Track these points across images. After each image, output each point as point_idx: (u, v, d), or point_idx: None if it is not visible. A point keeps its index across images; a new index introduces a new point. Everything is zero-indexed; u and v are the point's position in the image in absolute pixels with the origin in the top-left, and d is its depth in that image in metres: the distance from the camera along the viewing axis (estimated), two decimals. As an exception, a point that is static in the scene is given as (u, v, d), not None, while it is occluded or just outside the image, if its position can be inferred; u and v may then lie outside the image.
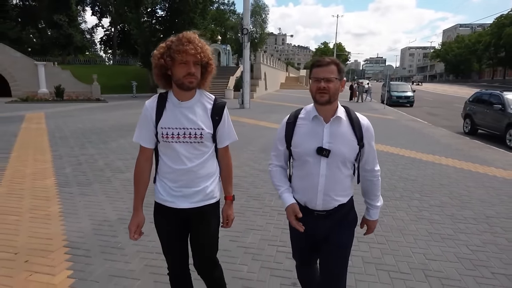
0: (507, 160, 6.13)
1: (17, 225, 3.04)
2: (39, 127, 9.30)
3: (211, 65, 1.39)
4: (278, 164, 1.52)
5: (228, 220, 1.58)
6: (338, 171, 1.38)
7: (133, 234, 1.47)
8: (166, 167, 1.44)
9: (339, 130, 1.36)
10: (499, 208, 3.67)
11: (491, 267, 2.47)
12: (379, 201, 1.54)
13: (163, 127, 1.39)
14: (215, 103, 1.45)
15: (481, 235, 3.00)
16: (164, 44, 1.34)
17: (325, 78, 1.29)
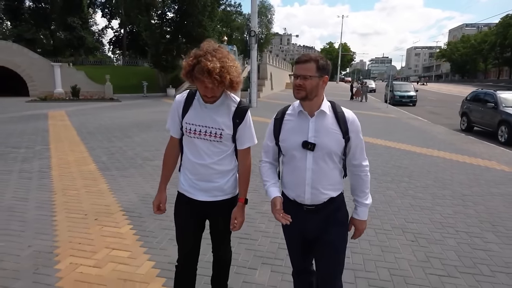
0: (494, 153, 6.74)
1: (78, 197, 3.80)
2: (64, 124, 10.12)
3: (236, 83, 1.41)
4: (267, 160, 1.54)
5: (236, 222, 1.56)
6: (324, 164, 1.39)
7: (156, 209, 1.64)
8: (187, 160, 1.55)
9: (324, 124, 1.39)
10: (475, 189, 4.32)
11: (456, 227, 3.15)
12: (368, 199, 1.49)
13: (187, 122, 1.49)
14: (238, 106, 1.51)
15: (454, 207, 3.67)
16: (191, 60, 1.37)
17: (301, 75, 1.33)
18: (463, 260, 2.57)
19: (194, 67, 1.34)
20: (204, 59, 1.32)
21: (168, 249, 2.62)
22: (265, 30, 50.22)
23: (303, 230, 1.47)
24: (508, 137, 8.22)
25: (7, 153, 5.98)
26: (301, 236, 1.50)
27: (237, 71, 1.41)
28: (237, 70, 1.41)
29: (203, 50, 1.36)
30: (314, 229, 1.46)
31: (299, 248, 1.54)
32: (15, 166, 5.13)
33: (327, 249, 1.44)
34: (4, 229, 2.95)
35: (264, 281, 2.26)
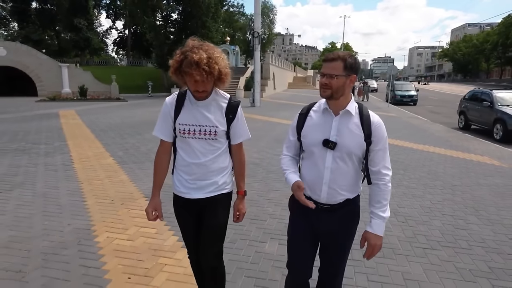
0: (488, 149, 7.09)
1: (103, 186, 4.21)
2: (76, 122, 10.57)
3: (224, 76, 1.42)
4: (288, 153, 1.55)
5: (239, 214, 1.64)
6: (343, 165, 1.38)
7: (150, 216, 1.59)
8: (182, 160, 1.54)
9: (347, 124, 1.37)
10: (464, 181, 4.69)
11: (443, 212, 3.52)
12: (386, 212, 1.39)
13: (180, 123, 1.49)
14: (229, 102, 1.53)
15: (443, 195, 4.04)
16: (178, 57, 1.38)
17: (327, 74, 1.32)
18: (445, 237, 2.95)
19: (182, 63, 1.35)
20: (190, 53, 1.34)
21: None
22: (267, 31, 50.59)
23: (315, 227, 1.46)
24: (503, 134, 8.54)
25: (29, 149, 6.41)
26: (310, 233, 1.48)
27: (225, 62, 1.42)
28: (224, 61, 1.42)
29: (188, 46, 1.38)
30: (324, 227, 1.44)
31: (304, 245, 1.49)
32: (39, 160, 5.56)
33: (333, 250, 1.46)
34: (43, 212, 3.36)
35: (273, 251, 2.65)
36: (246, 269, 2.39)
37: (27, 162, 5.40)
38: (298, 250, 1.51)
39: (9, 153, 6.05)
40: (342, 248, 1.47)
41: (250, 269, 2.39)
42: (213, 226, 1.57)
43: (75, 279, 2.23)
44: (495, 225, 3.22)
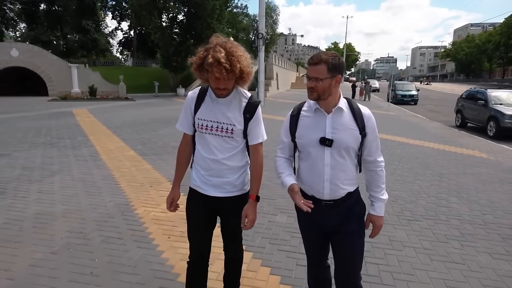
0: (479, 144, 7.59)
1: (131, 173, 4.78)
2: (91, 120, 11.18)
3: (246, 75, 1.42)
4: (283, 156, 1.56)
5: (247, 221, 1.54)
6: (342, 160, 1.41)
7: (169, 206, 1.63)
8: (199, 155, 1.56)
9: (341, 120, 1.40)
10: (452, 170, 5.21)
11: (429, 194, 4.05)
12: (384, 194, 1.51)
13: (199, 118, 1.51)
14: (249, 101, 1.52)
15: (431, 182, 4.57)
16: (202, 54, 1.39)
17: (313, 77, 1.34)
18: (428, 212, 3.48)
19: (204, 60, 1.36)
20: (213, 51, 1.35)
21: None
22: (270, 31, 51.07)
23: (322, 224, 1.49)
24: (496, 131, 9.02)
25: (56, 143, 7.01)
26: (319, 231, 1.52)
27: (247, 61, 1.42)
28: (247, 60, 1.42)
29: (212, 43, 1.39)
30: (333, 223, 1.48)
31: (317, 243, 1.56)
32: (68, 152, 6.15)
33: (345, 238, 1.47)
34: (86, 192, 3.94)
35: (283, 221, 3.20)
36: (262, 233, 2.95)
37: (58, 154, 5.99)
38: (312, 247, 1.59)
39: (39, 146, 6.65)
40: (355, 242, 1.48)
41: (264, 233, 2.95)
42: (236, 229, 1.60)
43: (126, 238, 2.80)
44: (472, 204, 3.75)
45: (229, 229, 1.65)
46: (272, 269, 2.39)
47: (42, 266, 2.36)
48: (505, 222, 3.25)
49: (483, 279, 2.31)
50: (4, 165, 5.15)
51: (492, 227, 3.14)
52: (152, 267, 2.38)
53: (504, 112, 8.92)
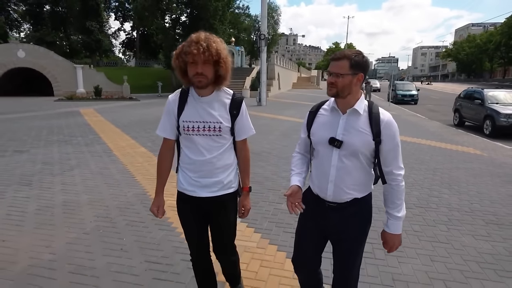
0: (474, 142, 7.89)
1: (144, 167, 5.11)
2: (100, 119, 11.53)
3: (223, 62, 1.41)
4: (299, 151, 1.58)
5: (244, 210, 1.64)
6: (349, 163, 1.37)
7: (156, 215, 1.62)
8: (186, 158, 1.54)
9: (355, 123, 1.36)
10: (446, 165, 5.52)
11: (422, 186, 4.36)
12: (400, 211, 1.41)
13: (184, 120, 1.48)
14: (233, 98, 1.53)
15: (425, 175, 4.88)
16: (181, 45, 1.42)
17: (334, 73, 1.33)
18: (420, 201, 3.80)
19: (183, 48, 1.39)
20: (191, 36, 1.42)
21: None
22: (271, 31, 51.38)
23: (322, 225, 1.48)
24: (491, 129, 9.31)
25: (69, 140, 7.36)
26: (317, 231, 1.50)
27: (224, 47, 1.43)
28: (224, 46, 1.43)
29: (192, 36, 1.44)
30: (333, 226, 1.45)
31: (311, 242, 1.53)
32: (83, 148, 6.49)
33: (343, 246, 1.44)
34: (105, 183, 4.28)
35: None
36: (268, 218, 3.27)
37: (73, 150, 6.34)
38: (302, 247, 1.56)
39: (54, 143, 7.00)
40: (353, 249, 1.45)
41: (271, 218, 3.28)
42: (226, 226, 1.62)
43: (148, 222, 3.13)
44: (462, 194, 4.07)
45: (220, 230, 1.64)
46: (278, 246, 2.72)
47: (78, 244, 2.70)
48: (490, 210, 3.57)
49: (465, 255, 2.62)
50: (25, 161, 5.50)
51: (477, 214, 3.45)
52: (173, 244, 2.71)
53: (499, 111, 9.20)
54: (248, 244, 2.75)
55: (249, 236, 2.90)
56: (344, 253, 1.46)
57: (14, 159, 5.62)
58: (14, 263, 2.42)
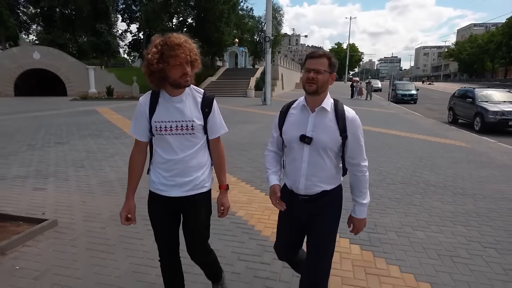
0: (463, 136, 8.72)
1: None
2: (118, 117, 12.45)
3: (197, 60, 1.49)
4: (272, 149, 1.65)
5: (223, 209, 1.65)
6: (319, 158, 1.47)
7: (124, 220, 1.58)
8: (159, 158, 1.55)
9: (323, 120, 1.46)
10: (432, 154, 6.36)
11: (408, 169, 5.22)
12: (365, 199, 1.54)
13: (156, 120, 1.50)
14: (204, 96, 1.56)
15: (411, 162, 5.73)
16: (155, 49, 1.40)
17: (315, 69, 1.39)
18: (404, 179, 4.66)
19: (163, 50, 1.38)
20: (167, 39, 1.40)
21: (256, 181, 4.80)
22: (274, 32, 52.12)
23: (297, 216, 1.58)
24: (481, 126, 10.12)
25: (99, 134, 8.28)
26: (293, 222, 1.61)
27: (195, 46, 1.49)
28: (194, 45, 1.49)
29: (157, 39, 1.43)
30: (306, 216, 1.56)
31: (288, 232, 1.67)
32: (114, 141, 7.40)
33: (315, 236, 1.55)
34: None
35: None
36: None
37: (106, 142, 7.26)
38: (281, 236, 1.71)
39: (87, 137, 7.92)
40: (325, 237, 1.54)
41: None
42: (198, 227, 1.61)
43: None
44: (439, 175, 4.92)
45: (190, 229, 1.64)
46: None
47: (140, 203, 3.58)
48: (460, 186, 4.42)
49: (431, 212, 3.48)
50: (69, 150, 6.42)
51: (448, 188, 4.31)
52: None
53: (488, 108, 10.01)
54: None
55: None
56: (316, 241, 1.54)
57: (60, 149, 6.54)
58: (99, 214, 3.33)
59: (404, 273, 2.36)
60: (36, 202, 3.62)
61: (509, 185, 4.47)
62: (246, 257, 2.55)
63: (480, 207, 3.67)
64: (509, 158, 6.17)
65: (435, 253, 2.65)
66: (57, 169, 5.02)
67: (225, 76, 28.62)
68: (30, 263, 2.40)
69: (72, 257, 2.50)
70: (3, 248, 2.50)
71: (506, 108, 9.84)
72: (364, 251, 2.66)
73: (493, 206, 3.68)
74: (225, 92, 24.00)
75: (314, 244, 1.56)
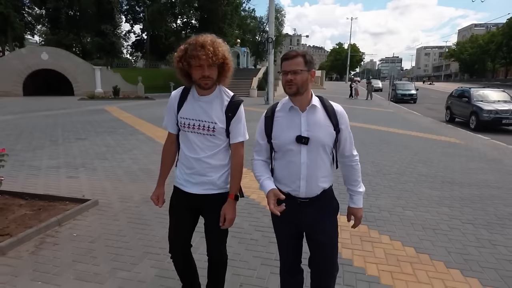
0: (457, 133, 9.19)
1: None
2: (127, 115, 12.96)
3: (227, 64, 1.48)
4: (260, 158, 1.58)
5: (225, 220, 1.57)
6: (318, 157, 1.45)
7: (156, 203, 1.70)
8: (183, 154, 1.61)
9: (315, 118, 1.44)
10: (426, 150, 6.83)
11: (404, 162, 5.70)
12: (361, 187, 1.57)
13: (182, 116, 1.55)
14: (231, 100, 1.56)
15: (406, 155, 6.21)
16: (183, 47, 1.46)
17: (292, 70, 1.37)
18: (398, 170, 5.14)
19: (187, 50, 1.43)
20: (195, 39, 1.44)
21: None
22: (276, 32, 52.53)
23: (297, 223, 1.52)
24: (476, 124, 10.57)
25: (114, 131, 8.79)
26: (293, 230, 1.54)
27: (228, 49, 1.51)
28: (227, 48, 1.51)
29: (192, 37, 1.48)
30: (307, 221, 1.51)
31: (291, 243, 1.58)
32: (129, 137, 7.91)
33: (319, 243, 1.52)
34: (162, 159, 5.69)
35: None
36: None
37: (122, 138, 7.76)
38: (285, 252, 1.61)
39: (102, 133, 8.43)
40: (330, 239, 1.52)
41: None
42: (217, 226, 1.61)
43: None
44: (432, 167, 5.39)
45: (211, 229, 1.67)
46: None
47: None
48: (449, 176, 4.89)
49: (422, 199, 3.95)
50: (90, 145, 6.93)
51: (438, 178, 4.79)
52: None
53: (483, 107, 10.47)
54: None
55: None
56: (322, 245, 1.52)
57: (81, 144, 7.06)
58: (131, 197, 3.82)
59: (393, 241, 2.85)
60: (74, 187, 4.13)
61: (494, 175, 4.95)
62: (261, 229, 3.04)
63: (465, 193, 4.15)
64: (499, 153, 6.64)
65: (420, 226, 3.14)
66: (84, 161, 5.53)
67: (228, 76, 29.03)
68: (84, 232, 2.91)
69: (117, 228, 3.00)
70: (59, 220, 3.01)
71: (500, 107, 10.30)
72: (361, 225, 3.14)
73: (476, 192, 4.17)
74: (229, 92, 24.38)
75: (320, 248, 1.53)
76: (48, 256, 2.52)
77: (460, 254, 2.64)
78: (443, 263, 2.50)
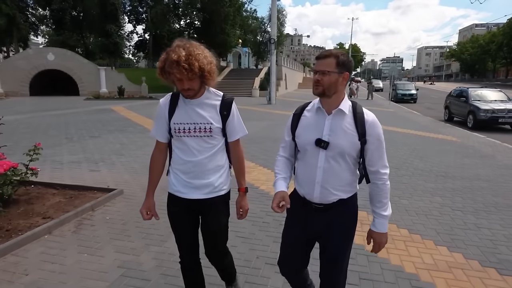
0: (455, 132, 9.53)
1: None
2: (134, 115, 13.33)
3: (207, 73, 1.44)
4: (284, 155, 1.56)
5: (242, 211, 1.67)
6: (336, 164, 1.38)
7: (145, 216, 1.65)
8: (178, 159, 1.58)
9: (340, 123, 1.37)
10: (423, 147, 7.19)
11: (401, 158, 6.06)
12: (387, 210, 1.43)
13: (175, 122, 1.53)
14: (223, 99, 1.57)
15: (404, 152, 6.57)
16: (163, 57, 1.43)
17: (320, 70, 1.33)
18: (396, 165, 5.50)
19: (165, 63, 1.41)
20: (171, 52, 1.39)
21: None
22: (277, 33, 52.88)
23: (309, 228, 1.49)
24: (473, 123, 10.90)
25: (125, 129, 9.17)
26: (304, 233, 1.50)
27: (207, 59, 1.44)
28: (207, 58, 1.44)
29: (172, 46, 1.43)
30: (319, 228, 1.47)
31: (298, 246, 1.54)
32: (140, 135, 8.28)
33: (329, 255, 1.47)
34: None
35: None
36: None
37: (133, 136, 8.13)
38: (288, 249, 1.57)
39: (114, 132, 8.81)
40: (340, 250, 1.46)
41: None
42: (217, 229, 1.65)
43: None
44: (428, 162, 5.75)
45: (209, 231, 1.67)
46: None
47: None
48: (443, 170, 5.25)
49: (416, 190, 4.31)
50: (104, 142, 7.31)
51: (433, 172, 5.14)
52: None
53: (480, 107, 10.80)
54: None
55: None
56: (332, 254, 1.47)
57: (95, 141, 7.44)
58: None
59: (389, 224, 3.20)
60: (98, 179, 4.50)
61: (486, 170, 5.30)
62: (272, 214, 3.40)
63: (457, 185, 4.50)
64: (493, 150, 6.99)
65: (414, 212, 3.50)
66: (102, 156, 5.91)
67: (230, 77, 29.49)
68: (115, 216, 3.28)
69: (144, 213, 3.37)
70: (93, 206, 3.39)
71: (497, 107, 10.63)
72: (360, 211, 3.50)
73: (468, 184, 4.52)
74: (231, 92, 24.37)
75: (330, 256, 1.48)
76: (88, 235, 2.89)
77: (448, 235, 3.00)
78: (432, 242, 2.86)
